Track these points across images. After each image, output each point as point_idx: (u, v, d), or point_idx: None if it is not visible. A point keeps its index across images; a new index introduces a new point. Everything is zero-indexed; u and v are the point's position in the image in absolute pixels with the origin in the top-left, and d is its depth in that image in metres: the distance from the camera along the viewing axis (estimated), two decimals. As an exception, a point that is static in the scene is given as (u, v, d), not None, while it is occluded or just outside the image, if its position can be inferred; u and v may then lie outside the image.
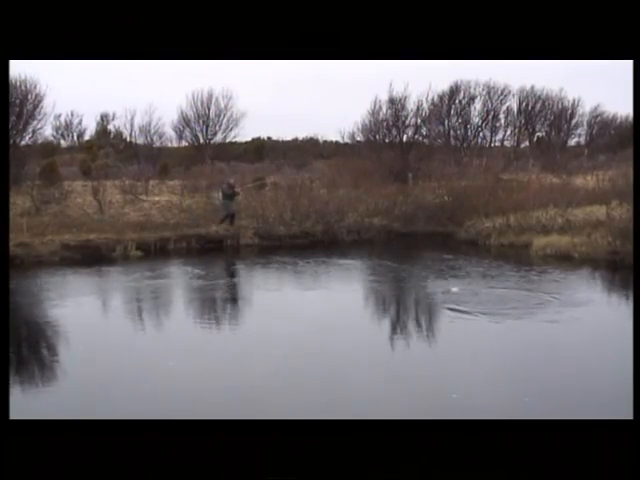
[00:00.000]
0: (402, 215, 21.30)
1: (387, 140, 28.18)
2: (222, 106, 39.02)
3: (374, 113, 28.42)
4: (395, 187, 23.55)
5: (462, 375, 7.55)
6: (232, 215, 19.70)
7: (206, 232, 19.22)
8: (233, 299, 12.35)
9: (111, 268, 15.71)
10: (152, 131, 36.65)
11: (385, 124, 28.09)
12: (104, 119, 42.77)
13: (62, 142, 43.50)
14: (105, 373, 7.79)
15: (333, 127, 64.69)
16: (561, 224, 17.79)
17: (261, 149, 43.03)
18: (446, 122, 37.80)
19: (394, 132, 27.99)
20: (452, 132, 38.46)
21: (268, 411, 6.24)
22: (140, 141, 37.41)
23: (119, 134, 40.70)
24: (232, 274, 15.02)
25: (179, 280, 14.57)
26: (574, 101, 41.34)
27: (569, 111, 41.55)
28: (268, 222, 19.99)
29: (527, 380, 7.38)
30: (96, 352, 8.73)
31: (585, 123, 42.74)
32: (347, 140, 32.06)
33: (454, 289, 12.13)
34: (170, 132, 39.04)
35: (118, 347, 9.03)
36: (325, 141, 43.26)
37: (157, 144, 37.32)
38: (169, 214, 21.42)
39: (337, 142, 37.60)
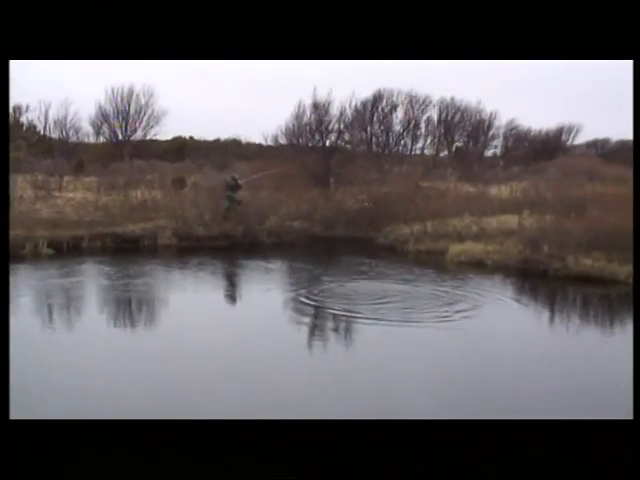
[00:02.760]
0: (323, 219, 21.34)
1: (310, 144, 28.23)
2: (143, 103, 38.15)
3: (298, 117, 28.54)
4: (317, 191, 23.70)
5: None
6: (232, 206, 20.12)
7: (122, 231, 18.70)
8: (143, 300, 12.04)
9: (18, 266, 15.04)
10: (68, 125, 35.47)
11: (308, 128, 28.31)
12: (16, 111, 41.03)
13: (-30, 133, 41.44)
14: None
15: (256, 129, 64.32)
16: (476, 232, 18.29)
17: (182, 148, 42.24)
18: (368, 129, 38.25)
19: (317, 137, 28.14)
20: (374, 139, 38.78)
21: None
22: (55, 135, 36.12)
23: (32, 127, 39.14)
24: (146, 275, 14.65)
25: (89, 280, 14.10)
26: (491, 114, 42.69)
27: (486, 123, 42.85)
28: (187, 223, 19.61)
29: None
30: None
31: (501, 135, 43.98)
32: (270, 143, 31.66)
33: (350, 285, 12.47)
34: (87, 127, 37.85)
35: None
36: (248, 143, 42.30)
37: (73, 139, 36.12)
38: (84, 212, 20.72)
39: (260, 144, 36.93)
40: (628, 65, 4.35)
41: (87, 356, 8.35)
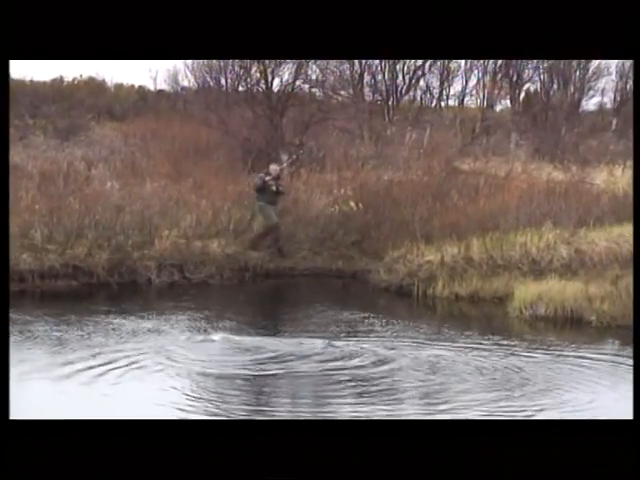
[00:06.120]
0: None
1: (242, 87, 16.66)
2: None
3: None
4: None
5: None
6: (276, 229, 11.58)
7: None
8: None
9: None
10: None
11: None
12: None
13: None
14: None
15: (136, 62, 21.65)
16: (566, 258, 10.40)
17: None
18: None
19: (255, 74, 15.85)
20: (368, 77, 20.83)
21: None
22: None
23: None
24: None
25: None
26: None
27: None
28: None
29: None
30: None
31: (614, 71, 23.52)
32: (163, 86, 20.54)
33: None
34: None
35: None
36: (119, 86, 24.75)
37: None
38: None
39: (143, 89, 23.39)
40: None
41: None
